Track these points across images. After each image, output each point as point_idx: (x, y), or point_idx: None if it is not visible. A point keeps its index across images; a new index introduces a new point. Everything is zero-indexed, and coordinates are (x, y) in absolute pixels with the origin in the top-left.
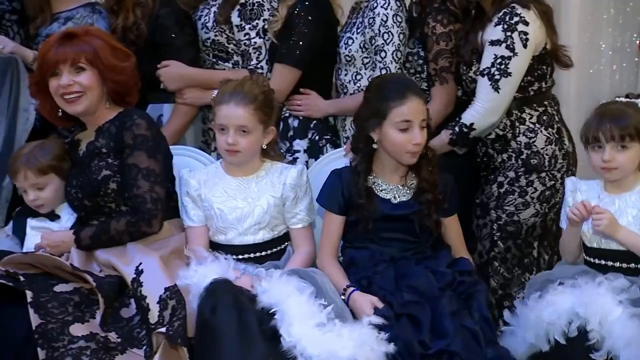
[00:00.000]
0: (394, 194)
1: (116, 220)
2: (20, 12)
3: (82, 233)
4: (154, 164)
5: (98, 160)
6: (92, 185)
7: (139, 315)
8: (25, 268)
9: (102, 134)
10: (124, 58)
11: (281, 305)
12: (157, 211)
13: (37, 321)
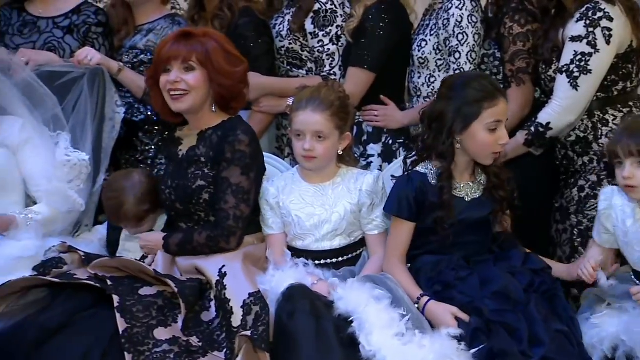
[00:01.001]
0: (466, 191)
1: (198, 233)
2: (105, 25)
3: (170, 240)
4: (245, 182)
5: (195, 169)
6: (186, 192)
7: (218, 318)
8: (112, 271)
9: (204, 141)
10: (236, 64)
11: (359, 312)
12: (237, 229)
13: (124, 325)
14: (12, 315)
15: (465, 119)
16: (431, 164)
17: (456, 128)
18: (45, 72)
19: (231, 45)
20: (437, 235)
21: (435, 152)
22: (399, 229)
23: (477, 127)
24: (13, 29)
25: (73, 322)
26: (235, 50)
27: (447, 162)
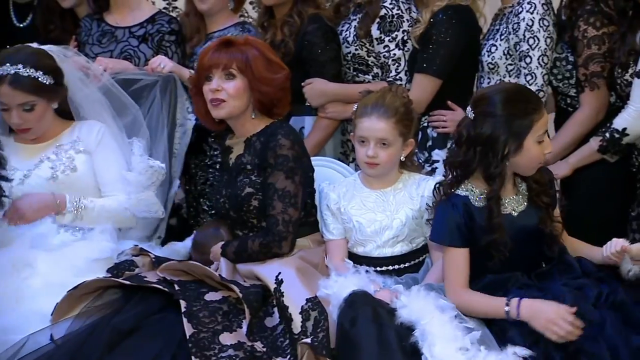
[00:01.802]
0: (512, 206)
1: (252, 240)
2: (178, 33)
3: (228, 248)
4: (290, 185)
5: (243, 177)
6: (237, 200)
7: (282, 324)
8: (179, 274)
9: (249, 149)
10: (276, 71)
11: (422, 322)
12: (288, 233)
13: (191, 330)
14: (88, 316)
15: (518, 137)
16: (471, 184)
17: (510, 149)
18: (120, 80)
19: (272, 53)
20: (491, 257)
21: (484, 175)
22: (455, 258)
23: (529, 141)
24: (92, 38)
25: (144, 325)
26: (276, 57)
27: (497, 185)
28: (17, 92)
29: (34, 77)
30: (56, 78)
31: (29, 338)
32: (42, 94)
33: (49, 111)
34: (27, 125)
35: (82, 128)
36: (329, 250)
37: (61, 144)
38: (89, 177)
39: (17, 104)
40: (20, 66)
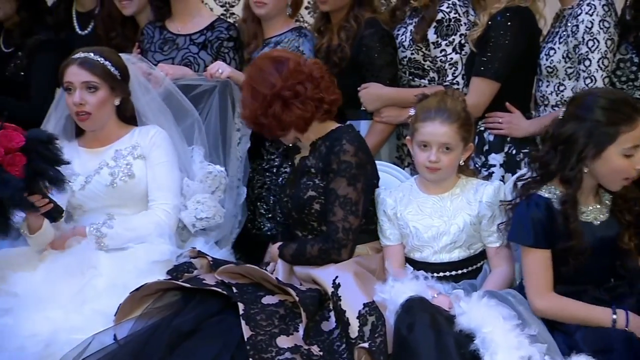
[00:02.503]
0: (594, 215)
1: (311, 245)
2: (236, 40)
3: (285, 250)
4: (352, 192)
5: (307, 179)
6: (299, 202)
7: (338, 328)
8: (236, 278)
9: (314, 152)
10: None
11: (483, 330)
12: (347, 241)
13: (249, 333)
14: (149, 317)
15: (598, 144)
16: (554, 187)
17: (587, 154)
18: (179, 85)
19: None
20: (566, 263)
21: (560, 176)
22: (540, 260)
23: (612, 152)
24: (155, 46)
25: (203, 326)
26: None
27: (573, 189)
28: (84, 70)
29: (103, 63)
30: (122, 74)
31: (94, 338)
32: (107, 79)
33: (110, 104)
34: (87, 109)
35: (140, 133)
36: (386, 256)
37: (120, 149)
38: (145, 184)
39: (82, 82)
40: (92, 53)
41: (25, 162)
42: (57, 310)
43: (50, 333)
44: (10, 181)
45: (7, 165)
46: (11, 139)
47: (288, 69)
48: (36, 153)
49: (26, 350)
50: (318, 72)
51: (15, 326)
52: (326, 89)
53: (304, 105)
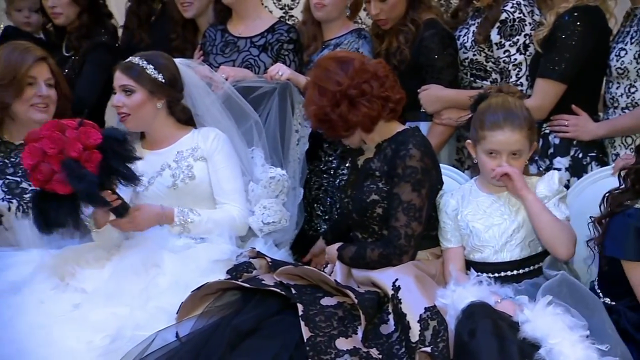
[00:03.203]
0: None
1: (371, 249)
2: (296, 42)
3: (344, 252)
4: (416, 198)
5: (370, 182)
6: (361, 205)
7: (397, 332)
8: (295, 279)
9: (379, 155)
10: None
11: (549, 341)
12: (409, 247)
13: (308, 334)
14: (210, 316)
15: None
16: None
17: None
18: (240, 87)
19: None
20: None
21: None
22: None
23: None
24: (216, 48)
25: (263, 326)
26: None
27: None
28: (123, 75)
29: (142, 67)
30: (168, 79)
31: (157, 335)
32: (144, 84)
33: (150, 107)
34: (124, 110)
35: (200, 134)
36: (446, 259)
37: (181, 150)
38: (207, 185)
39: (120, 85)
40: (137, 58)
41: (101, 159)
42: (123, 307)
43: (116, 329)
44: (86, 176)
45: (84, 161)
46: (89, 136)
47: (354, 68)
48: (112, 151)
49: (93, 344)
50: (383, 71)
51: (83, 321)
52: (391, 88)
53: (371, 103)
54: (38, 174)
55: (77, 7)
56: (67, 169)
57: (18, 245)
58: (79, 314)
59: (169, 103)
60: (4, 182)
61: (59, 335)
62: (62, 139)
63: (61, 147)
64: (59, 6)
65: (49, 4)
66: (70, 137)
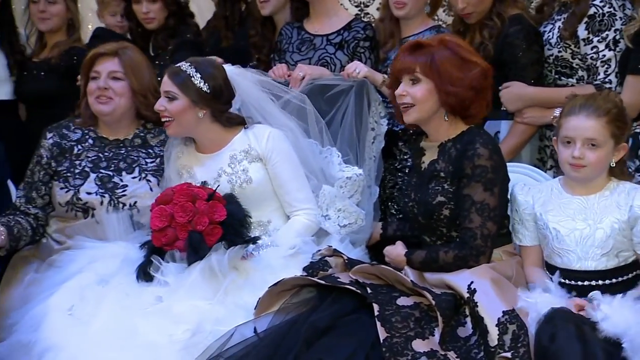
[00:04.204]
0: None
1: (444, 252)
2: (372, 39)
3: (413, 257)
4: (489, 198)
5: (435, 184)
6: (427, 208)
7: (475, 335)
8: (370, 278)
9: (444, 155)
10: (466, 69)
11: (630, 333)
12: (486, 248)
13: (384, 334)
14: (287, 312)
15: None
16: None
17: None
18: (317, 85)
19: (468, 51)
20: None
21: None
22: None
23: None
24: (292, 46)
25: (339, 324)
26: (473, 55)
27: None
28: (169, 81)
29: (188, 75)
30: (213, 89)
31: (236, 330)
32: (188, 92)
33: (191, 115)
34: (166, 114)
35: (252, 134)
36: (524, 260)
37: (234, 153)
38: (265, 185)
39: (164, 90)
40: (187, 64)
41: (221, 236)
42: (204, 302)
43: (197, 323)
44: (203, 251)
45: (206, 234)
46: (215, 211)
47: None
48: (232, 229)
49: (174, 337)
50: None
51: (165, 314)
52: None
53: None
54: (162, 237)
55: (166, 11)
56: (191, 241)
57: (106, 238)
58: (162, 307)
59: (212, 112)
60: (97, 176)
61: (142, 327)
62: (193, 211)
63: (190, 218)
64: (152, 11)
65: (142, 10)
66: (200, 209)
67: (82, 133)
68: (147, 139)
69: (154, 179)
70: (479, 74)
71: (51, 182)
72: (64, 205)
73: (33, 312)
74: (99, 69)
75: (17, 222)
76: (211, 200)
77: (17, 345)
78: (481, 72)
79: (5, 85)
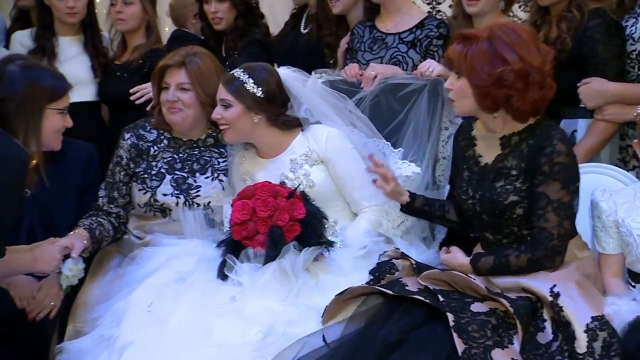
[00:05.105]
0: None
1: (516, 256)
2: (446, 37)
3: (479, 264)
4: (565, 196)
5: (505, 182)
6: (496, 207)
7: (556, 341)
8: (440, 284)
9: (513, 151)
10: (496, 64)
11: None
12: (562, 248)
13: (462, 346)
14: (355, 321)
15: None
16: None
17: None
18: (389, 84)
19: (504, 42)
20: None
21: None
22: None
23: None
24: (364, 45)
25: (410, 337)
26: (511, 47)
27: None
28: (224, 89)
29: (242, 81)
30: (267, 94)
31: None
32: (242, 99)
33: (247, 121)
34: (223, 121)
35: (310, 135)
36: (602, 266)
37: (295, 157)
38: (328, 187)
39: (220, 99)
40: (240, 71)
41: (299, 233)
42: (276, 303)
43: (270, 324)
44: (282, 246)
45: (286, 231)
46: (295, 209)
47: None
48: (310, 227)
49: (247, 338)
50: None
51: (239, 314)
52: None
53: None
54: (243, 230)
55: (235, 12)
56: (272, 235)
57: (183, 234)
58: (235, 307)
59: (268, 117)
60: (172, 177)
61: (217, 327)
62: (274, 206)
63: (271, 213)
64: (221, 11)
65: (211, 10)
66: (281, 205)
67: (158, 133)
68: (219, 138)
69: (226, 179)
70: (510, 72)
71: (131, 183)
72: (143, 206)
73: (115, 307)
74: (168, 80)
75: (99, 223)
76: (291, 198)
77: (99, 339)
78: (513, 69)
79: (89, 87)
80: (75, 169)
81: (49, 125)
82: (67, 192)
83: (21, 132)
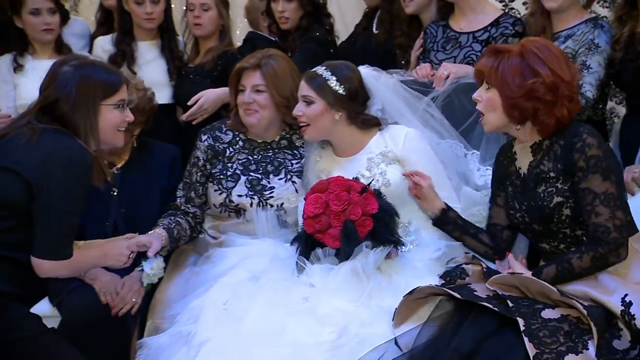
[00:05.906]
0: None
1: (578, 258)
2: (522, 35)
3: (543, 275)
4: (610, 186)
5: (546, 186)
6: (543, 213)
7: (635, 349)
8: (510, 290)
9: (546, 155)
10: (526, 77)
11: None
12: (623, 239)
13: (533, 351)
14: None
15: None
16: None
17: None
18: (462, 85)
19: (536, 56)
20: None
21: None
22: None
23: None
24: (437, 45)
25: (483, 348)
26: (543, 61)
27: None
28: (306, 85)
29: (325, 78)
30: (349, 91)
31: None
32: (324, 95)
33: (328, 118)
34: (304, 119)
35: (388, 135)
36: None
37: (372, 156)
38: (403, 187)
39: (302, 95)
40: (322, 68)
41: (371, 228)
42: (348, 304)
43: (343, 325)
44: (356, 241)
45: (358, 225)
46: (368, 204)
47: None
48: (383, 223)
49: (321, 338)
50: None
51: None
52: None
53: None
54: (316, 223)
55: (302, 11)
56: (345, 229)
57: (255, 234)
58: (308, 307)
59: (348, 114)
60: (247, 178)
61: (290, 326)
62: (347, 200)
63: (345, 207)
64: (288, 10)
65: (279, 9)
66: (354, 200)
67: (233, 134)
68: (293, 139)
69: (299, 180)
70: (541, 84)
71: (207, 183)
72: (218, 206)
73: (192, 304)
74: (244, 82)
75: (177, 223)
76: (364, 193)
77: (177, 335)
78: (543, 82)
79: (165, 90)
80: (161, 170)
81: (106, 121)
82: (152, 192)
83: (81, 131)
